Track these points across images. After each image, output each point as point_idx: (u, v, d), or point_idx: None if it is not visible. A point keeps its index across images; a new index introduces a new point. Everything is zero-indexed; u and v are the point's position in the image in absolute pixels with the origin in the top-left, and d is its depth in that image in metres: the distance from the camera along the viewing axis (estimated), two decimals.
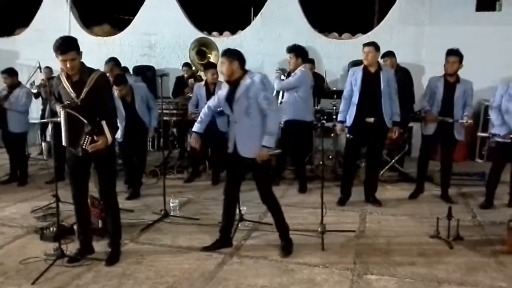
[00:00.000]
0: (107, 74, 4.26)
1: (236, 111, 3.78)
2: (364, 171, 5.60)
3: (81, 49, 3.53)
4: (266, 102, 3.69)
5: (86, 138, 3.44)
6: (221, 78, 3.96)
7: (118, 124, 3.95)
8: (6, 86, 6.28)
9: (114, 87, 5.36)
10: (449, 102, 5.14)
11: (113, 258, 3.77)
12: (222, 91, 3.96)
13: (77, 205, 3.81)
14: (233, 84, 3.80)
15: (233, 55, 3.79)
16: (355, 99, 5.07)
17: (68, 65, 3.45)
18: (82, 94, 3.49)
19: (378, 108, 5.00)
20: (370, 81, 5.04)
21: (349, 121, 5.14)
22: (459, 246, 4.05)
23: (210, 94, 6.08)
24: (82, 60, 3.55)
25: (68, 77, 3.56)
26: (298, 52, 5.57)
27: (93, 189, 3.95)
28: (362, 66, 5.14)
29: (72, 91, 3.53)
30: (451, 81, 5.13)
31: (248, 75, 3.77)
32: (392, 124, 5.10)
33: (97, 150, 3.48)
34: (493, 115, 5.09)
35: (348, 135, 5.12)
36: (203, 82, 6.35)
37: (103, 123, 3.50)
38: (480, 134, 5.57)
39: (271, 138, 3.74)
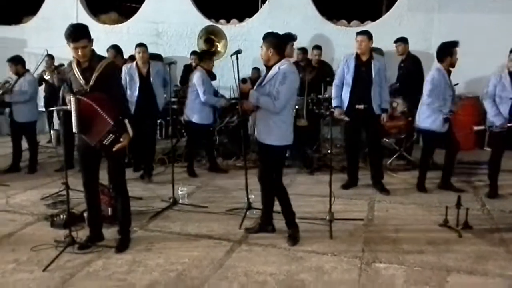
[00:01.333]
0: None
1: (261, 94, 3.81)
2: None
3: (91, 40, 3.54)
4: (275, 95, 3.70)
5: (109, 136, 3.45)
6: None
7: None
8: (14, 74, 6.27)
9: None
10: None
11: (122, 245, 3.80)
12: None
13: (87, 193, 3.84)
14: (269, 69, 3.84)
15: (269, 41, 3.77)
16: (348, 86, 5.21)
17: (79, 53, 3.47)
18: (91, 81, 3.52)
19: (368, 96, 5.14)
20: (362, 69, 5.18)
21: (344, 107, 5.27)
22: (468, 234, 4.04)
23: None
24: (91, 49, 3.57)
25: (78, 64, 3.58)
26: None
27: (102, 177, 3.97)
28: (354, 54, 5.28)
29: (81, 77, 3.56)
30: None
31: (280, 63, 3.76)
32: (381, 111, 5.23)
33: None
34: (487, 106, 5.07)
35: (345, 118, 5.20)
36: (202, 70, 6.11)
37: (126, 121, 3.54)
38: (475, 128, 5.44)
39: (253, 99, 3.78)
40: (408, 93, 6.32)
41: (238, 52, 4.48)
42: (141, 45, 5.97)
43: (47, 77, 6.67)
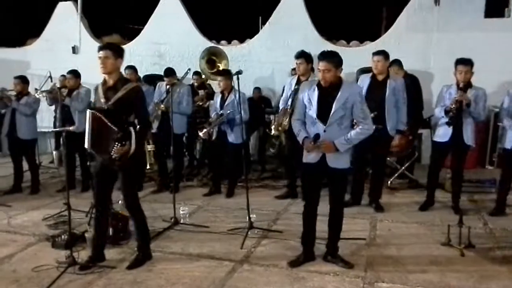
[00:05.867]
0: None
1: (330, 120, 3.59)
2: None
3: (120, 59, 3.74)
4: (362, 116, 3.62)
5: (115, 146, 3.52)
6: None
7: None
8: (16, 93, 6.26)
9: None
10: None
11: (135, 262, 3.82)
12: (308, 93, 3.71)
13: (98, 211, 3.87)
14: (327, 90, 3.64)
15: (337, 62, 3.59)
16: None
17: (100, 63, 3.61)
18: (112, 100, 3.61)
19: (382, 116, 5.06)
20: (377, 88, 5.12)
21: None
22: (471, 253, 4.01)
23: (223, 101, 6.03)
24: (119, 69, 3.78)
25: (104, 83, 3.72)
26: (308, 57, 5.57)
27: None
28: (370, 74, 5.25)
29: (103, 96, 3.66)
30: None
31: (345, 84, 3.64)
32: (396, 132, 5.17)
33: (122, 159, 3.56)
34: (507, 124, 5.00)
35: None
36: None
37: (131, 129, 3.59)
38: None
39: (346, 145, 3.60)
40: (408, 112, 6.35)
41: (239, 72, 4.55)
42: (128, 68, 6.48)
43: (38, 95, 6.72)
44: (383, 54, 5.14)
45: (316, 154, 3.65)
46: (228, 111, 5.80)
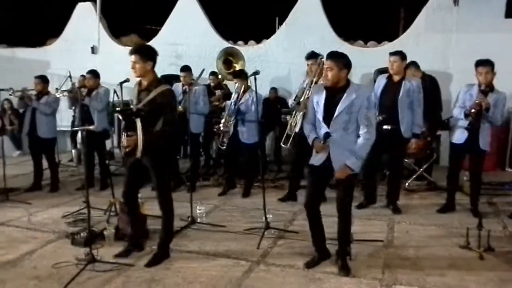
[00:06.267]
0: None
1: (334, 124, 3.55)
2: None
3: (150, 61, 3.74)
4: (366, 123, 3.52)
5: (123, 136, 3.65)
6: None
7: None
8: (36, 92, 6.36)
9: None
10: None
11: (155, 259, 3.87)
12: (317, 96, 3.66)
13: (127, 203, 3.99)
14: (333, 92, 3.59)
15: (342, 63, 3.52)
16: (376, 106, 5.12)
17: (131, 67, 3.72)
18: (141, 103, 3.70)
19: (395, 117, 5.02)
20: (392, 89, 5.09)
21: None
22: (490, 257, 3.96)
23: (238, 101, 6.02)
24: (151, 71, 3.79)
25: (140, 85, 3.82)
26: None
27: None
28: (387, 74, 5.22)
29: (136, 97, 3.79)
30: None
31: (352, 86, 3.56)
32: (412, 135, 5.10)
33: (132, 150, 3.65)
34: None
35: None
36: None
37: (137, 120, 3.62)
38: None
39: (358, 162, 3.52)
40: (426, 113, 6.30)
41: (256, 73, 4.56)
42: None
43: (58, 95, 6.79)
44: (400, 54, 5.10)
45: (322, 155, 3.64)
46: (240, 102, 5.83)
